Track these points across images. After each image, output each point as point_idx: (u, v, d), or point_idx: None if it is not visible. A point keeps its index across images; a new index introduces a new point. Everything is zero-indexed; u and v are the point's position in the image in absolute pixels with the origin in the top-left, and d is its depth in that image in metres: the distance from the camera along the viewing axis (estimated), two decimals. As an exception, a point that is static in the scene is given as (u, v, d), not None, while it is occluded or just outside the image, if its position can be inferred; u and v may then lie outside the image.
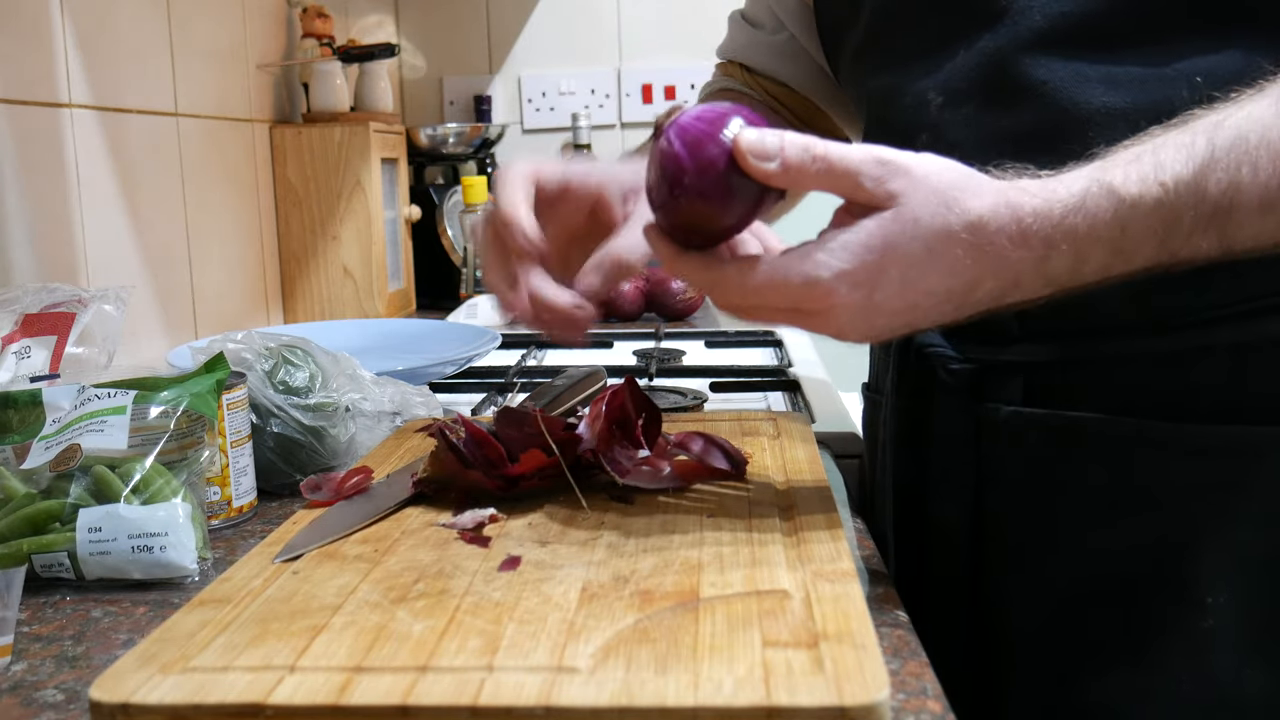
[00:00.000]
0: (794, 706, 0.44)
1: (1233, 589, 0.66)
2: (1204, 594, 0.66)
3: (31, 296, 0.84)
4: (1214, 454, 0.66)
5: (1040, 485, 0.71)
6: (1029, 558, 0.72)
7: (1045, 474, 0.71)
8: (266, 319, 1.65)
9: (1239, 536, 0.66)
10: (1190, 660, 0.67)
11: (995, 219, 0.56)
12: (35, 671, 0.56)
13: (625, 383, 0.78)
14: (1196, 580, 0.66)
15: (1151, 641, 0.68)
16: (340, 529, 0.66)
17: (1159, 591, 0.67)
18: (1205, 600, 0.66)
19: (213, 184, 1.47)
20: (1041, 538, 0.71)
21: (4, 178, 1.02)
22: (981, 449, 0.73)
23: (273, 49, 1.71)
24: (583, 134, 2.16)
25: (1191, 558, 0.66)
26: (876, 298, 0.57)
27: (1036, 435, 0.70)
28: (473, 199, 1.81)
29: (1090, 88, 0.65)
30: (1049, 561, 0.71)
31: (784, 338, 1.45)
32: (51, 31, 1.10)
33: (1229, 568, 0.66)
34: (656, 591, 0.55)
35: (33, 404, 0.71)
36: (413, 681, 0.47)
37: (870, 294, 0.56)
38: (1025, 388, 0.71)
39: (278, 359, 0.84)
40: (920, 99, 0.72)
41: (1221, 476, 0.66)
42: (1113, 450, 0.68)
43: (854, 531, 0.74)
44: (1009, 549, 0.73)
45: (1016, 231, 0.56)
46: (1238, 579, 0.66)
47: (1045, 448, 0.70)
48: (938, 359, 0.74)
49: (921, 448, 0.77)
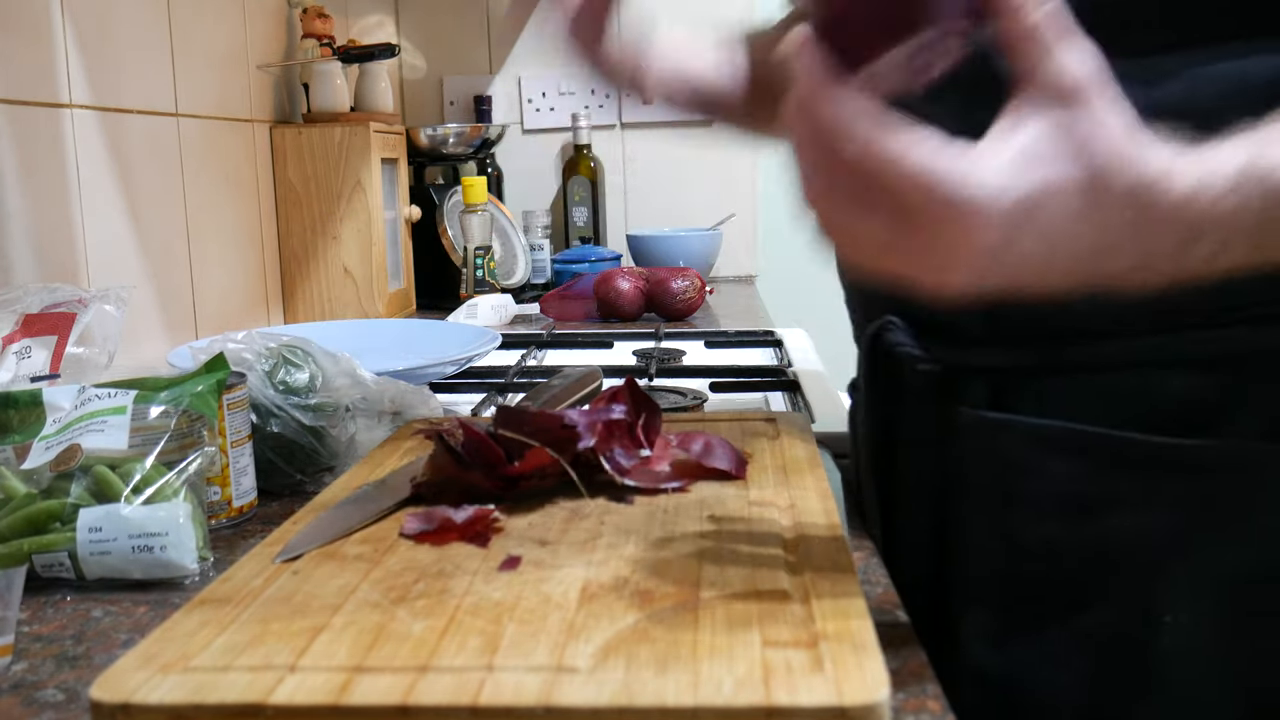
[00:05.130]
0: (794, 706, 0.44)
1: (1195, 610, 0.64)
2: (1163, 610, 0.65)
3: (32, 296, 0.84)
4: (1181, 468, 0.64)
5: (1002, 489, 0.70)
6: (988, 560, 0.71)
7: (1009, 479, 0.69)
8: (267, 319, 1.65)
9: (1202, 555, 0.64)
10: (1145, 676, 0.66)
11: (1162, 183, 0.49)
12: (35, 671, 0.56)
13: (625, 383, 0.78)
14: (1154, 594, 0.65)
15: (1107, 653, 0.67)
16: (340, 529, 0.66)
17: (1117, 602, 0.66)
18: (1164, 619, 0.65)
19: (213, 184, 1.47)
20: (1000, 541, 0.70)
21: (4, 178, 1.02)
22: (945, 451, 0.72)
23: (273, 49, 1.71)
24: (583, 134, 2.16)
25: (1152, 571, 0.65)
26: (1023, 235, 0.47)
27: (1001, 439, 0.69)
28: (473, 199, 1.81)
29: None
30: (1007, 563, 0.70)
31: (784, 338, 1.45)
32: (51, 31, 1.10)
33: (1191, 587, 0.64)
34: (656, 591, 0.55)
35: (33, 404, 0.71)
36: (413, 681, 0.47)
37: (1019, 225, 0.47)
38: (992, 391, 0.70)
39: (278, 359, 0.85)
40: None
41: (1187, 490, 0.64)
42: (1076, 458, 0.67)
43: (854, 531, 0.74)
44: (969, 550, 0.72)
45: (1175, 213, 0.49)
46: (1201, 600, 0.64)
47: (1009, 452, 0.69)
48: (906, 359, 0.73)
49: (891, 448, 0.77)
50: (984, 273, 0.49)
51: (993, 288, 0.50)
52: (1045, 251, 0.49)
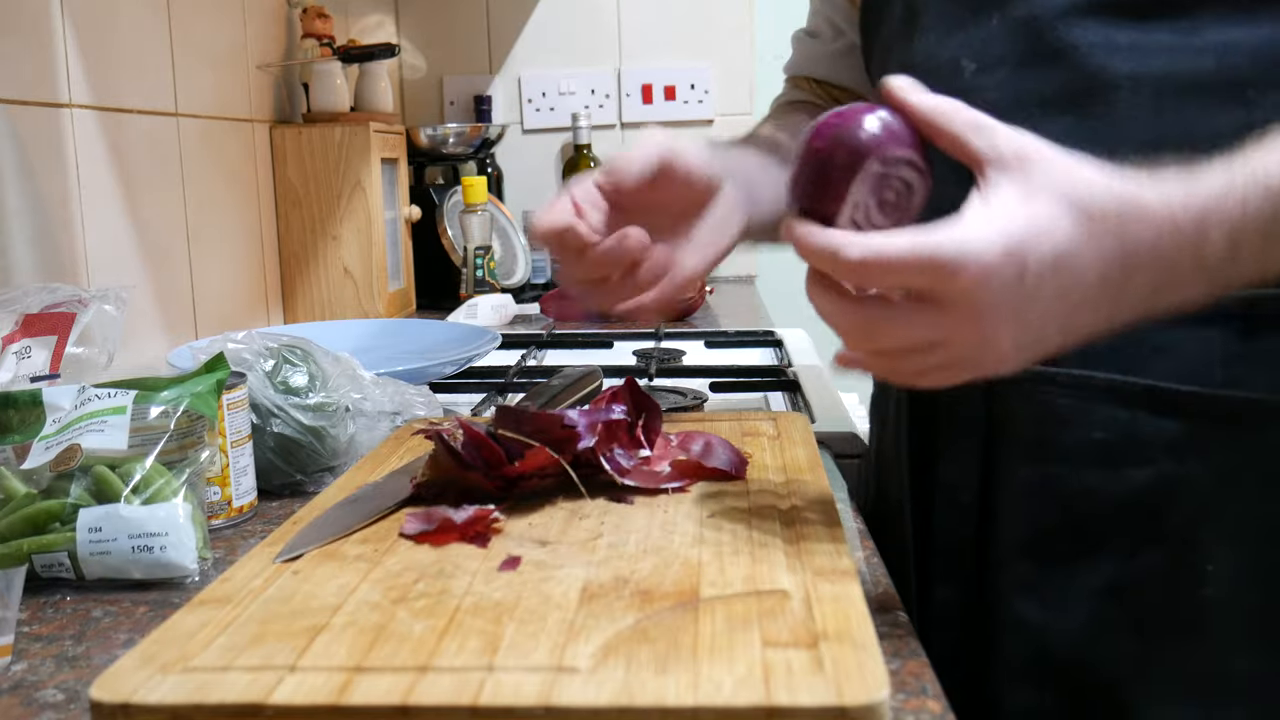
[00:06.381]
0: (794, 706, 0.44)
1: (1235, 563, 0.66)
2: (1203, 561, 0.66)
3: (32, 296, 0.84)
4: (1221, 419, 0.66)
5: (1044, 439, 0.71)
6: (1029, 510, 0.72)
7: (1050, 429, 0.71)
8: (266, 319, 1.65)
9: (1242, 506, 0.66)
10: (1187, 630, 0.67)
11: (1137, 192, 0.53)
12: (35, 671, 0.56)
13: (625, 383, 0.78)
14: (1195, 544, 0.67)
15: (1148, 604, 0.68)
16: (340, 529, 0.66)
17: (1156, 546, 0.68)
18: (1206, 568, 0.66)
19: (213, 184, 1.47)
20: (1042, 490, 0.71)
21: (4, 178, 1.02)
22: (987, 403, 0.74)
23: (273, 49, 1.71)
24: (583, 134, 2.16)
25: (1192, 521, 0.67)
26: (1029, 275, 0.51)
27: (1043, 390, 0.71)
28: (473, 199, 1.81)
29: (1119, 54, 0.67)
30: (1049, 509, 0.71)
31: (784, 338, 1.45)
32: (51, 31, 1.10)
33: (1233, 536, 0.66)
34: (656, 591, 0.55)
35: (33, 404, 0.71)
36: (413, 681, 0.47)
37: (1023, 264, 0.51)
38: None
39: (278, 359, 0.85)
40: (954, 66, 0.74)
41: (1227, 441, 0.66)
42: (1119, 408, 0.68)
43: (854, 532, 0.74)
44: (1011, 500, 0.73)
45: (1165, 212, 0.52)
46: (1242, 549, 0.66)
47: (1051, 403, 0.70)
48: None
49: (932, 401, 0.78)
50: (1024, 336, 0.53)
51: (1045, 341, 0.53)
52: (1063, 297, 0.52)
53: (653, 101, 2.26)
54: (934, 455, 0.79)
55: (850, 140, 0.54)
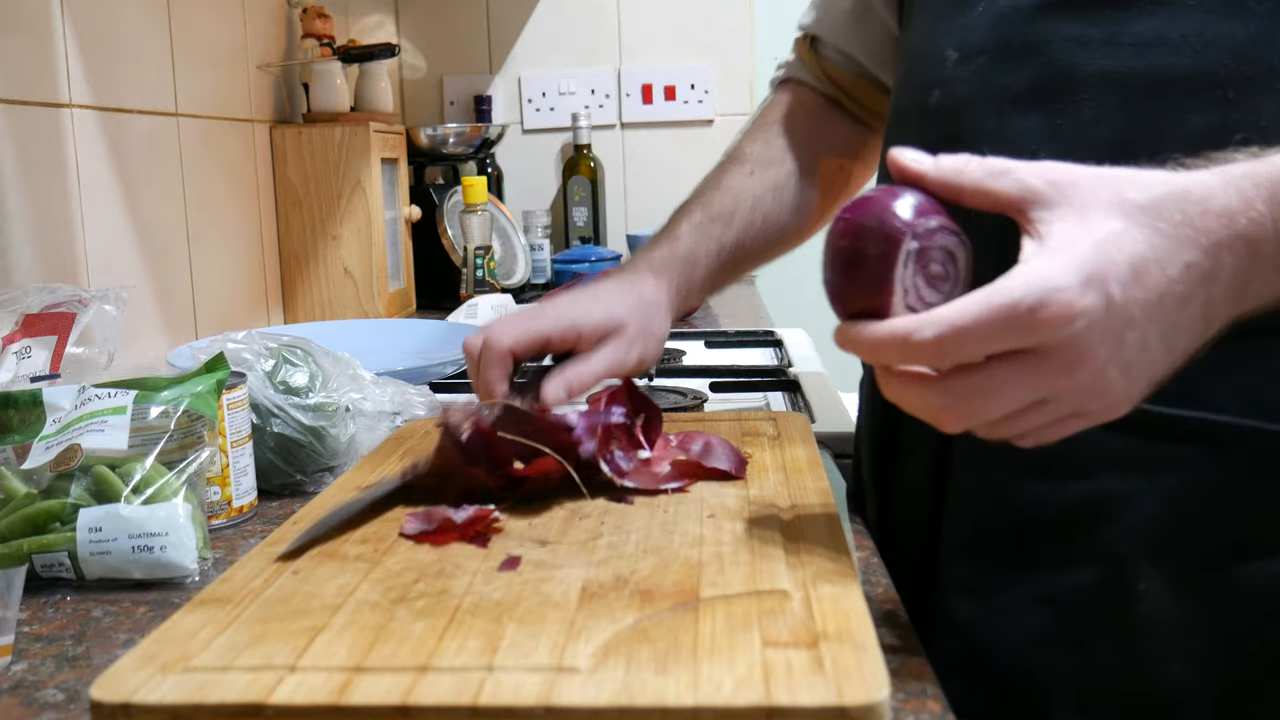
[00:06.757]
0: (794, 706, 0.44)
1: (1168, 583, 0.65)
2: (1137, 578, 0.65)
3: (32, 296, 0.84)
4: (1170, 437, 0.65)
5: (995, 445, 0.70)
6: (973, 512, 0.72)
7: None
8: (266, 319, 1.65)
9: (1183, 526, 0.65)
10: (1115, 646, 0.67)
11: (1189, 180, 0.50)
12: (35, 671, 0.56)
13: (624, 383, 0.78)
14: (1131, 561, 0.66)
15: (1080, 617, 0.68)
16: (340, 529, 0.66)
17: (1091, 560, 0.67)
18: (1139, 585, 0.65)
19: (213, 184, 1.47)
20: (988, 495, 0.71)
21: (4, 178, 1.02)
22: None
23: (273, 49, 1.71)
24: (583, 134, 2.16)
25: (1132, 537, 0.66)
26: (1114, 295, 0.47)
27: None
28: (473, 199, 1.81)
29: (1090, 50, 0.65)
30: (991, 515, 0.71)
31: (784, 338, 1.45)
32: (51, 31, 1.10)
33: (1169, 557, 0.65)
34: (656, 591, 0.55)
35: (33, 404, 0.71)
36: (413, 681, 0.47)
37: (1105, 286, 0.47)
38: None
39: (278, 359, 0.85)
40: (939, 55, 0.73)
41: (1174, 459, 0.65)
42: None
43: (854, 531, 0.74)
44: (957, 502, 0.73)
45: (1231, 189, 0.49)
46: (1177, 572, 0.65)
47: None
48: None
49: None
50: (1129, 362, 0.49)
51: (1150, 377, 0.50)
52: (1156, 304, 0.49)
53: (653, 101, 2.26)
54: (896, 451, 0.79)
55: (876, 226, 0.51)
